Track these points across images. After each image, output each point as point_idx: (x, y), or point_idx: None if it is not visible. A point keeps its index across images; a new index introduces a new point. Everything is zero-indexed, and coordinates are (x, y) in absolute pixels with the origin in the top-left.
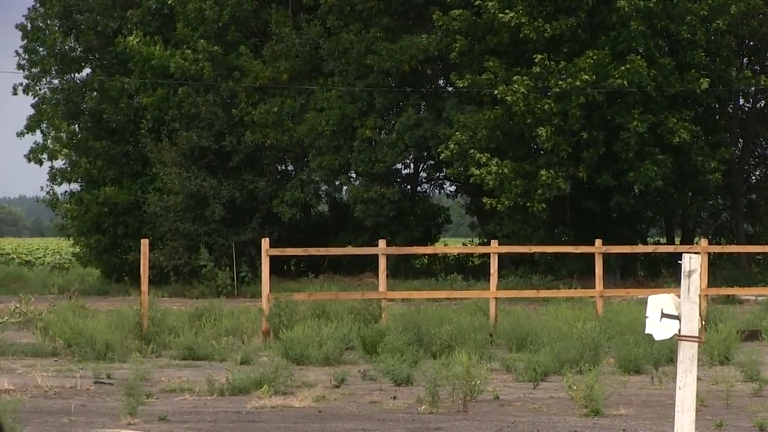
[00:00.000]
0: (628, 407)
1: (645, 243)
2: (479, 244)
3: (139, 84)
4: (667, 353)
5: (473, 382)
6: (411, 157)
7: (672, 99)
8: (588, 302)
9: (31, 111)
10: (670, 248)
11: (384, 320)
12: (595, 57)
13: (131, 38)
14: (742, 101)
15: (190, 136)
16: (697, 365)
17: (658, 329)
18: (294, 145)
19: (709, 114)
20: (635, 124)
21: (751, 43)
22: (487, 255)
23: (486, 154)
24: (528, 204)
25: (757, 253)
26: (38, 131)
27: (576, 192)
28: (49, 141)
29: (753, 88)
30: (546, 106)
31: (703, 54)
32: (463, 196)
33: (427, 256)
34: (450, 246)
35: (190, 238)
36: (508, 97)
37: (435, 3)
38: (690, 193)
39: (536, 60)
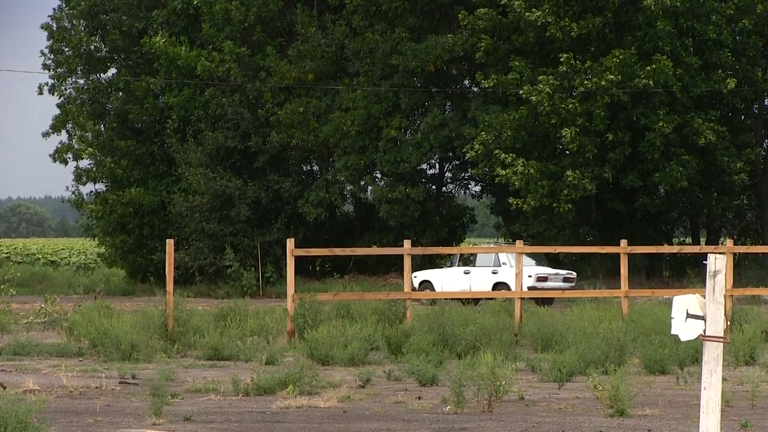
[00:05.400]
0: (654, 408)
1: (670, 243)
2: (504, 244)
3: (164, 84)
4: (692, 354)
5: (498, 383)
6: (436, 157)
7: (698, 99)
8: (613, 302)
9: (57, 111)
10: (695, 248)
11: (409, 320)
12: (621, 56)
13: (157, 38)
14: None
15: (216, 137)
16: (722, 366)
17: (684, 330)
18: (319, 145)
19: (734, 114)
20: (661, 124)
21: None
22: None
23: (511, 155)
24: (554, 204)
25: None
26: (63, 131)
27: (601, 192)
28: (74, 141)
29: None
30: (571, 106)
31: (729, 54)
32: (489, 197)
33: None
34: (475, 246)
35: (216, 238)
36: (533, 97)
37: (460, 2)
38: (715, 194)
39: (562, 59)
